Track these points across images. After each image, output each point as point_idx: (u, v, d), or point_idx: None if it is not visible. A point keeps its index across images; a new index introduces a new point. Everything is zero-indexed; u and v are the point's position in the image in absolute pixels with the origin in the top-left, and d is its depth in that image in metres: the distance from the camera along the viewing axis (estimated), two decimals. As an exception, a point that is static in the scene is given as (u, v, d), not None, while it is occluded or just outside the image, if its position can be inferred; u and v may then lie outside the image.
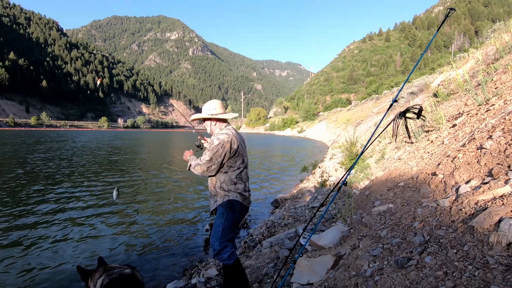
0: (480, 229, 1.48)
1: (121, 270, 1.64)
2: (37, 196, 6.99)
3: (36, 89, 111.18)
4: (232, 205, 2.24)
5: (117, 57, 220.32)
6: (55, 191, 7.54)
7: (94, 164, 12.82)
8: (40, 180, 8.80)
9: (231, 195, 2.24)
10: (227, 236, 2.22)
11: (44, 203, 6.38)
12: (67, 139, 30.10)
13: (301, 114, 72.54)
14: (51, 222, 5.23)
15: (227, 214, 2.23)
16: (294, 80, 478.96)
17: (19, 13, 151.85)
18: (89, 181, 8.90)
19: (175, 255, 4.14)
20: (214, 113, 2.35)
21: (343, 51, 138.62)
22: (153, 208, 6.31)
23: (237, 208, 2.25)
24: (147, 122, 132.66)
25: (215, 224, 2.26)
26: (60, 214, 5.73)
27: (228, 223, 2.23)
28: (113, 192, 2.59)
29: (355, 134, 14.36)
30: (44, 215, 5.63)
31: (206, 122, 2.41)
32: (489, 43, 8.88)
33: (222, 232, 2.21)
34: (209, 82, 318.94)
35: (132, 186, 8.48)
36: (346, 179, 2.23)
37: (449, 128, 3.88)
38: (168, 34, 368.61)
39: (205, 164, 2.19)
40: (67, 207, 6.16)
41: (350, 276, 1.85)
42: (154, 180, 9.55)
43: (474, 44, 43.56)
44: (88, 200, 6.82)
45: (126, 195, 7.36)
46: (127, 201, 6.81)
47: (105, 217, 5.65)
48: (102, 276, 1.64)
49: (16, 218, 5.37)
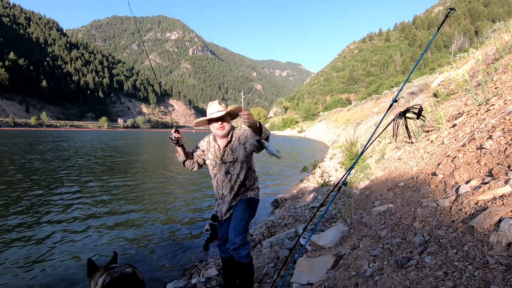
0: (480, 229, 1.48)
1: (122, 269, 1.64)
2: (36, 196, 6.99)
3: (36, 89, 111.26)
4: (254, 202, 2.27)
5: (117, 57, 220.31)
6: (55, 191, 7.53)
7: (94, 164, 12.83)
8: (41, 179, 8.81)
9: (255, 192, 2.28)
10: (247, 232, 2.20)
11: (44, 203, 6.38)
12: (68, 139, 30.11)
13: (301, 114, 72.61)
14: (50, 222, 5.23)
15: (250, 210, 2.22)
16: (294, 80, 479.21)
17: (19, 13, 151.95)
18: (89, 181, 8.90)
19: (175, 255, 4.14)
20: (225, 109, 2.22)
21: (343, 51, 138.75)
22: (153, 208, 6.30)
23: (257, 205, 2.28)
24: (147, 122, 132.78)
25: (237, 218, 2.17)
26: (59, 214, 5.73)
27: (249, 219, 2.22)
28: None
29: (355, 134, 14.37)
30: (43, 215, 5.62)
31: (218, 121, 2.18)
32: (489, 43, 8.88)
33: (245, 227, 2.14)
34: (209, 82, 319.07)
35: (132, 186, 8.48)
36: (346, 179, 2.23)
37: (449, 128, 3.88)
38: (168, 34, 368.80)
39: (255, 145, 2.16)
40: (66, 207, 6.16)
41: (350, 276, 1.85)
42: (154, 180, 9.55)
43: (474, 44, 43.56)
44: (88, 200, 6.81)
45: (126, 195, 7.36)
46: (127, 201, 6.81)
47: (105, 217, 5.64)
48: (103, 275, 1.64)
49: (16, 218, 5.37)
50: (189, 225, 5.27)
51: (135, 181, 9.34)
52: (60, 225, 5.11)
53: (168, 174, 10.79)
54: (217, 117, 2.16)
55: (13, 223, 5.12)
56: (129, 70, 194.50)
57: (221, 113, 2.14)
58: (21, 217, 5.42)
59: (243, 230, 2.12)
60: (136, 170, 11.59)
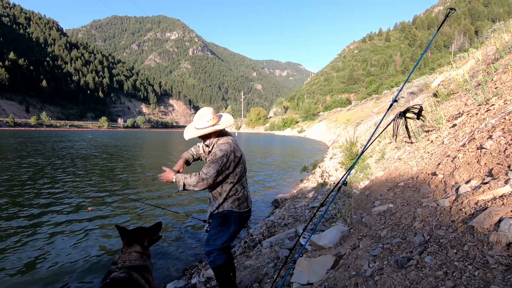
0: (480, 229, 1.48)
1: (117, 273, 1.63)
2: (37, 194, 6.99)
3: (36, 89, 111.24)
4: (226, 217, 2.25)
5: (117, 57, 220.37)
6: (56, 190, 7.53)
7: (94, 164, 12.82)
8: (43, 178, 8.81)
9: (232, 204, 2.24)
10: (217, 242, 2.23)
11: (43, 202, 6.38)
12: (69, 140, 30.11)
13: (301, 114, 72.62)
14: (49, 221, 5.23)
15: (220, 226, 2.26)
16: (294, 80, 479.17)
17: (19, 13, 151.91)
18: (89, 181, 8.90)
19: (175, 255, 4.14)
20: (213, 123, 2.19)
21: (343, 51, 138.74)
22: (153, 208, 6.30)
23: (231, 217, 2.26)
24: (147, 122, 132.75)
25: (210, 231, 2.31)
26: (59, 213, 5.73)
27: (220, 233, 2.26)
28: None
29: (355, 134, 14.37)
30: (43, 214, 5.62)
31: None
32: (489, 43, 8.87)
33: (215, 241, 2.25)
34: (209, 82, 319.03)
35: (132, 186, 8.47)
36: (346, 179, 2.23)
37: (449, 128, 3.88)
38: (168, 34, 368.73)
39: (211, 178, 2.04)
40: (66, 207, 6.16)
41: (350, 276, 1.85)
42: (153, 180, 9.55)
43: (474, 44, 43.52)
44: (88, 200, 6.81)
45: (126, 195, 7.35)
46: (127, 201, 6.81)
47: (105, 217, 5.65)
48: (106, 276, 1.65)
49: (16, 217, 5.37)
50: (189, 225, 5.27)
51: (135, 181, 9.34)
52: (59, 224, 5.11)
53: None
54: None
55: (13, 224, 5.13)
56: (129, 70, 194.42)
57: (200, 132, 2.18)
58: (21, 217, 5.42)
59: (212, 243, 2.21)
60: (136, 170, 11.59)
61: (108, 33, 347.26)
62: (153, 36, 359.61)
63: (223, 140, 2.20)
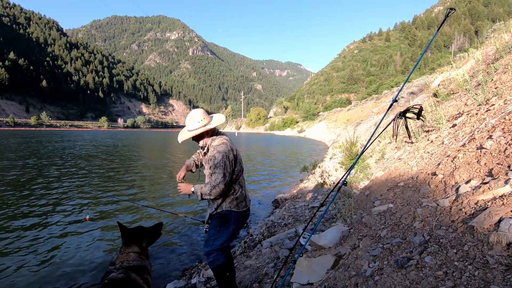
0: (480, 229, 1.48)
1: (115, 274, 1.62)
2: (36, 194, 6.99)
3: (36, 89, 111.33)
4: (225, 217, 2.25)
5: (117, 57, 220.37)
6: (55, 190, 7.53)
7: (94, 164, 12.82)
8: (43, 178, 8.81)
9: (230, 204, 2.23)
10: (216, 243, 2.24)
11: (44, 202, 6.38)
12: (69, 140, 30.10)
13: (301, 114, 72.57)
14: (49, 222, 5.23)
15: (219, 227, 2.26)
16: (294, 80, 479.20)
17: (19, 13, 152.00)
18: (89, 181, 8.90)
19: (174, 255, 4.14)
20: (204, 123, 2.21)
21: (343, 51, 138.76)
22: (153, 208, 6.30)
23: (230, 217, 2.25)
24: (147, 122, 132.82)
25: (209, 231, 2.32)
26: (58, 213, 5.73)
27: (220, 233, 2.27)
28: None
29: (355, 134, 14.37)
30: (43, 214, 5.63)
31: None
32: (489, 43, 8.87)
33: (214, 241, 2.26)
34: (209, 82, 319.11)
35: (132, 186, 8.47)
36: (346, 179, 2.23)
37: (449, 128, 3.88)
38: (168, 34, 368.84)
39: (221, 183, 2.06)
40: (66, 207, 6.16)
41: (350, 276, 1.85)
42: (153, 181, 9.55)
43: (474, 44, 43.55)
44: (88, 200, 6.81)
45: (125, 195, 7.35)
46: (127, 201, 6.81)
47: (105, 217, 5.65)
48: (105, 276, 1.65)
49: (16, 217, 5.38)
50: (189, 226, 5.27)
51: (135, 181, 9.34)
52: (59, 225, 5.11)
53: (168, 173, 10.79)
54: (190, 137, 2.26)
55: (14, 224, 5.13)
56: (129, 70, 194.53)
57: (192, 133, 2.20)
58: (21, 217, 5.42)
59: (211, 243, 2.23)
60: (136, 170, 11.59)
61: (108, 33, 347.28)
62: (153, 36, 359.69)
63: (219, 141, 2.19)
